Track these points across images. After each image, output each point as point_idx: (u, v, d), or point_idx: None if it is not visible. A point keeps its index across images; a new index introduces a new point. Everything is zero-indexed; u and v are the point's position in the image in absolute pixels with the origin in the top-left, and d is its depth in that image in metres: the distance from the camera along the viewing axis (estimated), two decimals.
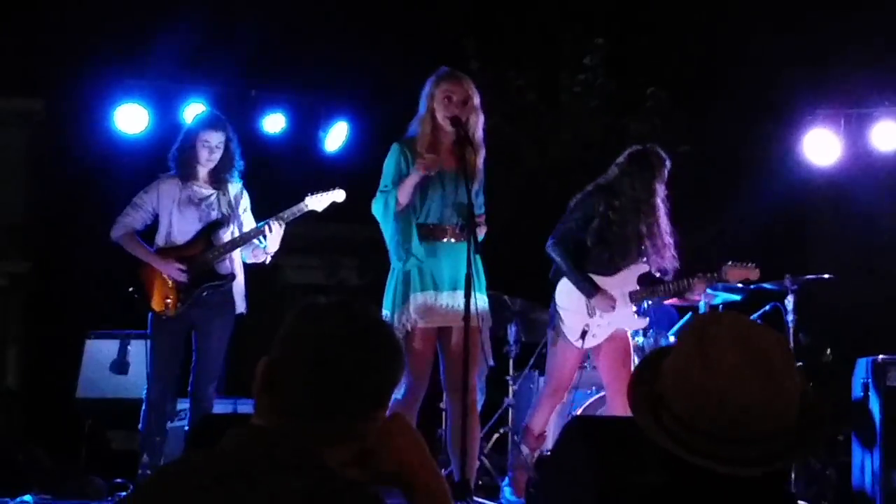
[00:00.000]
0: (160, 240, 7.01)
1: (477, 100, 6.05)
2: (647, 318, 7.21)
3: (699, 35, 12.13)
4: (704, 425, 2.03)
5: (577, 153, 11.98)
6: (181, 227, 6.99)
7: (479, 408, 6.29)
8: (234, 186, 7.11)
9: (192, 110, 8.60)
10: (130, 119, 8.97)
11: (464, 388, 5.72)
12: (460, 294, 5.82)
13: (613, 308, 6.71)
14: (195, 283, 6.92)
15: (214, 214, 7.02)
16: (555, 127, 12.53)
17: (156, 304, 6.92)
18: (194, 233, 6.99)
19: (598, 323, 6.71)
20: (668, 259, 6.80)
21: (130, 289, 6.96)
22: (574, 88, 12.56)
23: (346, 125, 9.54)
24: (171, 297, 6.92)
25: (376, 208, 6.08)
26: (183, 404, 7.39)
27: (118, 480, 7.41)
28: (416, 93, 6.16)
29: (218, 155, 6.99)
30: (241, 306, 7.06)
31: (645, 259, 6.84)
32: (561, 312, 6.72)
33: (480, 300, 5.96)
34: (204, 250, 6.97)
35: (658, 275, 6.90)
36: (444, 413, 7.89)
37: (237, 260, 7.07)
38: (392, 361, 2.16)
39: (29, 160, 13.01)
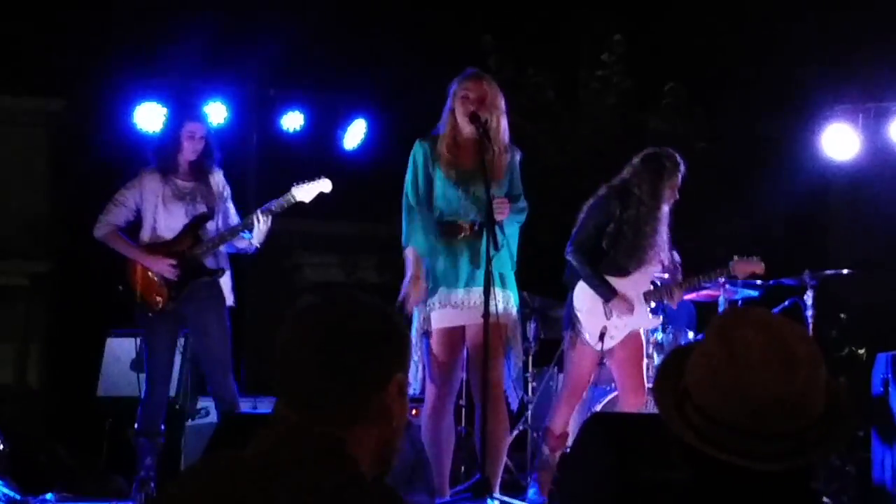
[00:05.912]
0: (145, 236, 6.92)
1: (500, 101, 6.02)
2: (661, 316, 7.25)
3: (717, 31, 12.11)
4: (729, 419, 2.03)
5: (595, 150, 11.96)
6: (168, 222, 6.90)
7: (513, 407, 6.34)
8: (215, 176, 7.05)
9: (212, 109, 8.63)
10: (150, 118, 9.00)
11: (484, 385, 5.71)
12: (477, 291, 5.83)
13: (631, 311, 6.77)
14: (184, 278, 6.83)
15: (201, 208, 6.94)
16: (573, 124, 12.51)
17: (145, 301, 6.86)
18: (181, 228, 6.90)
19: (615, 325, 6.77)
20: (670, 256, 6.92)
21: (120, 287, 6.90)
22: (592, 85, 12.55)
23: (365, 123, 9.54)
24: (161, 293, 6.84)
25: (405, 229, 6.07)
26: (204, 402, 7.39)
27: None
28: (434, 90, 6.18)
29: (201, 145, 6.94)
30: (230, 299, 6.99)
31: (657, 259, 6.90)
32: (579, 315, 6.78)
33: (507, 296, 5.99)
34: (192, 245, 6.88)
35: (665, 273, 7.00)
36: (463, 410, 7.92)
37: (224, 253, 7.00)
38: (391, 333, 2.16)
39: (50, 160, 13.02)
